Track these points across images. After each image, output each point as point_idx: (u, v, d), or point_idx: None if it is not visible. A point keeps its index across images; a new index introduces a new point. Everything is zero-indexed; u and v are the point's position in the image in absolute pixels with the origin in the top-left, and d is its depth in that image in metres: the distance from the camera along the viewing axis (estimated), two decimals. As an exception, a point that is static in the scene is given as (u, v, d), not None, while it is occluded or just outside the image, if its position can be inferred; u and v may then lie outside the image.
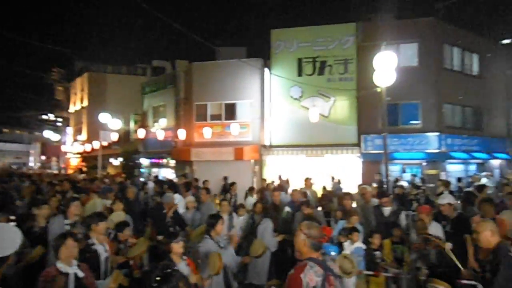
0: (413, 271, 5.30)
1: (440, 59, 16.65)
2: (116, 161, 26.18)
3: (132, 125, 25.09)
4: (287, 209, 7.17)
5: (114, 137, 21.89)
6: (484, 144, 18.04)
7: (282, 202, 7.80)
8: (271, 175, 16.13)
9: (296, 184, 12.61)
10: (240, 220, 7.24)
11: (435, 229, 5.45)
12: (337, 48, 16.93)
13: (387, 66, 9.75)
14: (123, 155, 24.67)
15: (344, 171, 16.13)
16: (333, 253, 5.94)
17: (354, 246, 5.46)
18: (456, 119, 17.58)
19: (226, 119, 17.47)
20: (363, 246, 5.46)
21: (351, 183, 13.73)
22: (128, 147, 24.03)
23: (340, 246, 5.71)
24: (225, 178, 14.19)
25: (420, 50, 16.25)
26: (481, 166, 17.88)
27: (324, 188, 11.82)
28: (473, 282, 3.89)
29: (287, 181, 14.22)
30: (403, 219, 6.09)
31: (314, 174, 14.67)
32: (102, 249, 4.35)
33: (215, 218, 4.86)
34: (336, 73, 17.02)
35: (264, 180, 13.84)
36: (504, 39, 26.71)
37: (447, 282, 4.52)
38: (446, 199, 5.57)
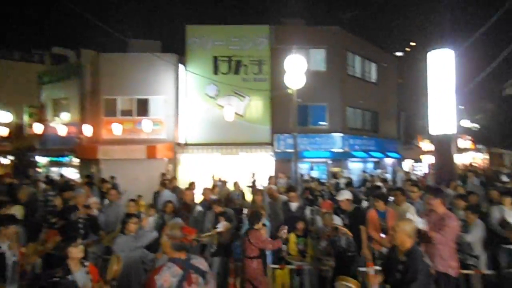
0: (316, 262, 5.66)
1: (344, 65, 18.19)
2: (6, 160, 22.99)
3: (26, 118, 22.26)
4: (198, 208, 7.07)
5: (3, 132, 19.16)
6: (380, 145, 20.22)
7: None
8: (185, 174, 15.81)
9: (209, 182, 12.54)
10: (150, 221, 6.92)
11: (337, 221, 5.91)
12: (252, 49, 17.32)
13: (297, 69, 10.28)
14: (15, 153, 21.76)
15: (258, 169, 16.56)
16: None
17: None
18: (357, 122, 19.37)
19: (138, 115, 16.55)
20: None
21: (265, 181, 14.17)
22: (21, 143, 21.26)
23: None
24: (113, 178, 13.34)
25: (328, 56, 17.54)
26: (377, 164, 20.00)
27: (236, 184, 11.94)
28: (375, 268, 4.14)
29: (223, 182, 13.50)
30: (308, 213, 6.47)
31: (229, 172, 14.91)
32: (10, 253, 4.13)
33: (128, 217, 5.01)
34: (251, 73, 17.39)
35: (174, 178, 13.36)
36: (397, 51, 30.20)
37: (352, 266, 4.98)
38: (345, 195, 6.07)
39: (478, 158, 36.18)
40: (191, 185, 9.70)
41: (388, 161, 21.21)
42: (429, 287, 3.34)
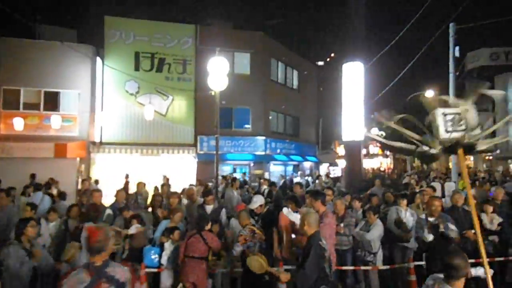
0: (230, 265, 5.67)
1: (268, 71, 18.72)
2: None
3: None
4: (108, 211, 6.60)
5: None
6: (300, 149, 21.22)
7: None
8: (100, 175, 14.73)
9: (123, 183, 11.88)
10: (50, 227, 6.28)
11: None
12: (176, 47, 16.89)
13: (220, 71, 10.25)
14: None
15: (180, 171, 16.15)
16: (153, 255, 5.80)
17: (175, 245, 5.43)
18: (279, 126, 20.07)
19: (46, 109, 14.96)
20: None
21: (187, 183, 13.86)
22: None
23: (162, 247, 5.60)
24: (33, 176, 12.11)
25: (252, 60, 17.87)
26: (297, 167, 20.94)
27: (156, 188, 11.49)
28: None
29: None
30: (223, 215, 6.47)
31: (149, 173, 14.24)
32: None
33: (23, 222, 4.52)
34: (175, 72, 16.95)
35: (87, 179, 12.37)
36: (319, 61, 31.97)
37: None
38: (257, 203, 6.20)
39: (385, 163, 40.15)
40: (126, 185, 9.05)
41: (307, 164, 22.34)
42: (322, 265, 3.59)
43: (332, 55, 33.94)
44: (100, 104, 15.94)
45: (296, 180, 16.83)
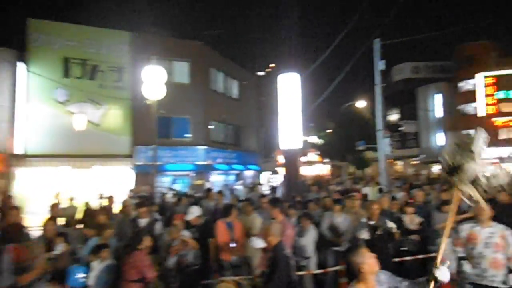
0: (169, 279, 5.46)
1: (208, 80, 18.64)
2: None
3: None
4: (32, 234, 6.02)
5: None
6: (241, 158, 21.34)
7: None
8: (23, 191, 13.45)
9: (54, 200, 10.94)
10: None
11: (186, 234, 5.85)
12: (111, 54, 16.17)
13: (156, 80, 10.02)
14: None
15: (115, 183, 15.32)
16: (80, 275, 5.39)
17: (103, 264, 5.10)
18: (220, 135, 20.02)
19: (-43, 119, 13.41)
20: (114, 262, 5.18)
21: (122, 196, 13.18)
22: None
23: (89, 267, 5.23)
24: None
25: (191, 69, 17.69)
26: (238, 176, 20.99)
27: (87, 204, 10.76)
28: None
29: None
30: (159, 228, 6.24)
31: (81, 187, 13.32)
32: None
33: None
34: (110, 80, 16.18)
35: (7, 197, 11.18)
36: (259, 71, 32.61)
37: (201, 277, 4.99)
38: (194, 213, 6.11)
39: (324, 170, 41.87)
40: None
41: (249, 173, 22.52)
42: (289, 273, 3.71)
43: (272, 65, 34.85)
44: (24, 113, 14.63)
45: (238, 188, 16.86)
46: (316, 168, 42.40)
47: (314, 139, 33.71)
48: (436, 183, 14.87)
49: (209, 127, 18.78)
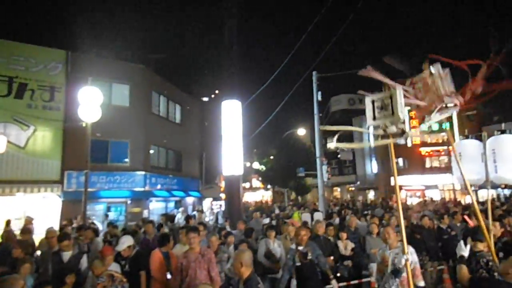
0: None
1: (149, 104, 18.16)
2: None
3: None
4: None
5: None
6: (182, 184, 20.75)
7: None
8: None
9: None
10: None
11: (115, 268, 5.42)
12: (42, 73, 15.13)
13: (92, 102, 9.52)
14: None
15: (42, 212, 13.97)
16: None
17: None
18: (160, 160, 19.38)
19: None
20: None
21: (49, 225, 11.99)
22: None
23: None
24: None
25: (132, 92, 17.12)
26: (178, 203, 20.31)
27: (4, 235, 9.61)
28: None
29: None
30: (84, 263, 5.71)
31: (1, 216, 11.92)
32: None
33: None
34: (40, 99, 15.04)
35: None
36: (203, 96, 32.62)
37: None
38: (125, 244, 5.74)
39: (266, 196, 42.26)
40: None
41: (190, 200, 21.93)
42: None
43: (217, 91, 35.12)
44: None
45: (178, 215, 16.27)
46: (258, 194, 42.69)
47: (257, 165, 34.08)
48: (371, 209, 15.72)
49: (150, 151, 18.14)
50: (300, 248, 5.32)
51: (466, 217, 6.56)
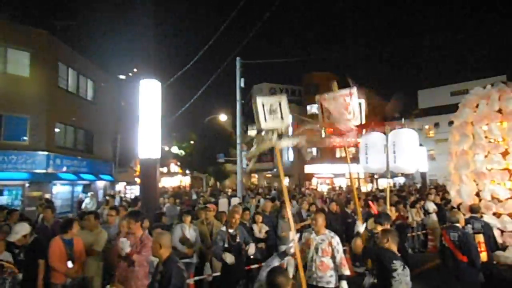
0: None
1: (54, 76, 16.19)
2: None
3: None
4: None
5: None
6: (92, 166, 19.20)
7: None
8: None
9: None
10: None
11: (6, 258, 4.81)
12: None
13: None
14: None
15: None
16: None
17: None
18: (67, 140, 17.61)
19: None
20: None
21: None
22: None
23: None
24: None
25: (32, 61, 15.04)
26: (87, 187, 18.78)
27: None
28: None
29: None
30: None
31: None
32: None
33: None
34: None
35: None
36: (121, 74, 30.49)
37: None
38: (20, 232, 5.10)
39: (185, 181, 41.57)
40: None
41: (101, 184, 20.46)
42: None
43: (135, 70, 33.08)
44: None
45: (87, 200, 15.10)
46: (176, 179, 41.77)
47: (176, 149, 33.17)
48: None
49: (55, 130, 16.33)
50: (230, 230, 5.44)
51: (370, 202, 7.24)
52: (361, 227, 4.80)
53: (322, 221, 4.66)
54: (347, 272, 4.47)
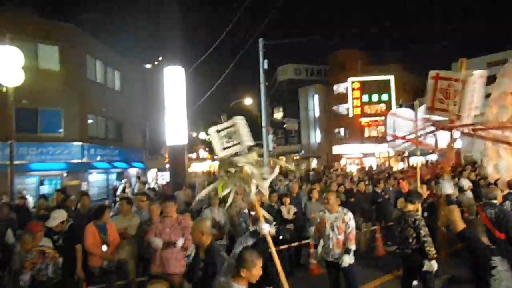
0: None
1: (83, 68, 16.65)
2: None
3: None
4: None
5: None
6: (124, 155, 19.84)
7: None
8: None
9: None
10: None
11: (46, 244, 5.08)
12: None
13: (12, 63, 8.48)
14: None
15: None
16: None
17: None
18: (99, 130, 18.22)
19: None
20: None
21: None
22: None
23: None
24: None
25: (62, 55, 15.49)
26: (121, 175, 19.48)
27: None
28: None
29: None
30: (10, 237, 5.26)
31: None
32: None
33: None
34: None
35: None
36: (146, 63, 30.94)
37: None
38: (57, 219, 5.35)
39: (214, 166, 42.25)
40: None
41: (133, 171, 21.15)
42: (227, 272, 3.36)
43: (160, 58, 33.44)
44: None
45: (121, 187, 15.67)
46: (206, 164, 42.49)
47: (203, 135, 33.60)
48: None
49: (87, 121, 16.92)
50: (253, 213, 5.51)
51: (401, 181, 7.05)
52: (449, 189, 3.41)
53: (334, 199, 4.80)
54: (352, 246, 4.60)
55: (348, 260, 4.54)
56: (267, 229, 3.15)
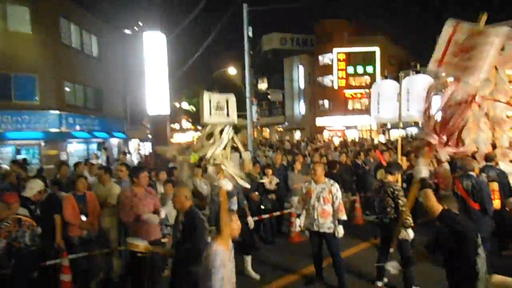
0: None
1: (56, 32, 15.67)
2: None
3: None
4: None
5: None
6: (104, 124, 19.32)
7: None
8: None
9: None
10: None
11: (23, 212, 4.97)
12: None
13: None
14: None
15: None
16: None
17: None
18: (77, 99, 17.58)
19: None
20: None
21: None
22: None
23: None
24: None
25: (33, 17, 14.50)
26: (102, 145, 19.08)
27: None
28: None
29: None
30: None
31: None
32: None
33: None
34: None
35: None
36: (126, 28, 29.63)
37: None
38: (35, 189, 5.20)
39: (197, 137, 41.94)
40: None
41: (114, 141, 20.76)
42: (206, 237, 3.46)
43: (140, 23, 32.06)
44: None
45: (102, 157, 15.45)
46: (188, 135, 42.12)
47: (186, 105, 33.08)
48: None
49: (64, 88, 16.26)
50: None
51: (378, 153, 7.15)
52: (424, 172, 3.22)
53: (321, 171, 4.87)
54: (343, 217, 4.72)
55: (341, 230, 4.66)
56: (227, 185, 3.19)
